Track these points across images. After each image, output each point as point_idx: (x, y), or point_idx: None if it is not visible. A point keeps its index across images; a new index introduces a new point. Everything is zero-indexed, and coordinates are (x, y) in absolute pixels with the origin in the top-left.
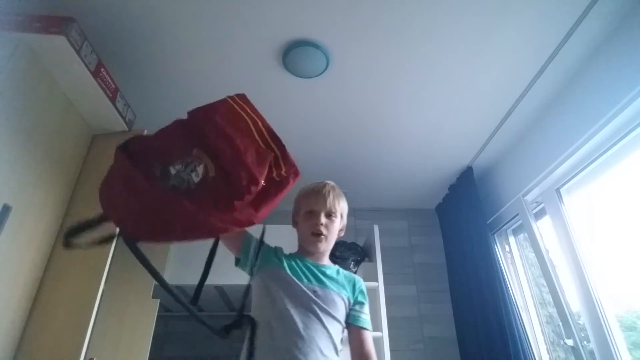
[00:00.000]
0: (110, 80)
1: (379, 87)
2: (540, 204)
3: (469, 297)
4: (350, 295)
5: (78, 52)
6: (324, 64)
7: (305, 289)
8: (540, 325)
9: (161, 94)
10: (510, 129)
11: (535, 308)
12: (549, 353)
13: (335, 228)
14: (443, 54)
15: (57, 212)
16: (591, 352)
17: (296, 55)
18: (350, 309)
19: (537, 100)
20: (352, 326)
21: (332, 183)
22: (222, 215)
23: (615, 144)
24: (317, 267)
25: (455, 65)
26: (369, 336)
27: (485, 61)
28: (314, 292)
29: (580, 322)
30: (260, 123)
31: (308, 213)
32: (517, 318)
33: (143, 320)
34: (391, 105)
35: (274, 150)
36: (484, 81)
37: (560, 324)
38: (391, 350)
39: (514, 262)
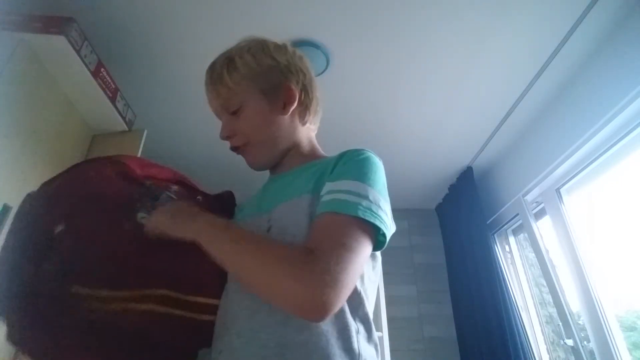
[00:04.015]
0: (110, 80)
1: (379, 86)
2: (540, 204)
3: (469, 297)
4: (319, 179)
5: (78, 52)
6: (324, 64)
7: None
8: (540, 325)
9: (161, 94)
10: (510, 129)
11: (535, 308)
12: (549, 353)
13: (251, 120)
14: (443, 54)
15: None
16: (591, 352)
17: None
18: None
19: (537, 100)
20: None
21: (219, 56)
22: None
23: (615, 144)
24: (280, 178)
25: (455, 65)
26: (325, 220)
27: (485, 61)
28: (268, 222)
29: (580, 322)
30: None
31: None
32: (517, 318)
33: None
34: (391, 105)
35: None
36: (483, 81)
37: (560, 324)
38: (391, 351)
39: (514, 262)
